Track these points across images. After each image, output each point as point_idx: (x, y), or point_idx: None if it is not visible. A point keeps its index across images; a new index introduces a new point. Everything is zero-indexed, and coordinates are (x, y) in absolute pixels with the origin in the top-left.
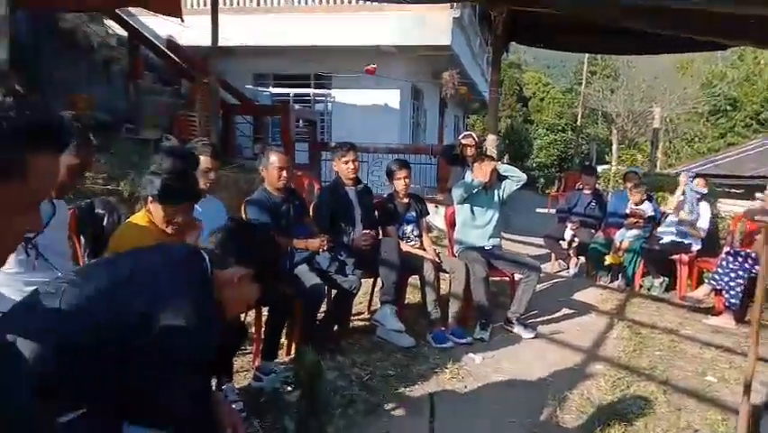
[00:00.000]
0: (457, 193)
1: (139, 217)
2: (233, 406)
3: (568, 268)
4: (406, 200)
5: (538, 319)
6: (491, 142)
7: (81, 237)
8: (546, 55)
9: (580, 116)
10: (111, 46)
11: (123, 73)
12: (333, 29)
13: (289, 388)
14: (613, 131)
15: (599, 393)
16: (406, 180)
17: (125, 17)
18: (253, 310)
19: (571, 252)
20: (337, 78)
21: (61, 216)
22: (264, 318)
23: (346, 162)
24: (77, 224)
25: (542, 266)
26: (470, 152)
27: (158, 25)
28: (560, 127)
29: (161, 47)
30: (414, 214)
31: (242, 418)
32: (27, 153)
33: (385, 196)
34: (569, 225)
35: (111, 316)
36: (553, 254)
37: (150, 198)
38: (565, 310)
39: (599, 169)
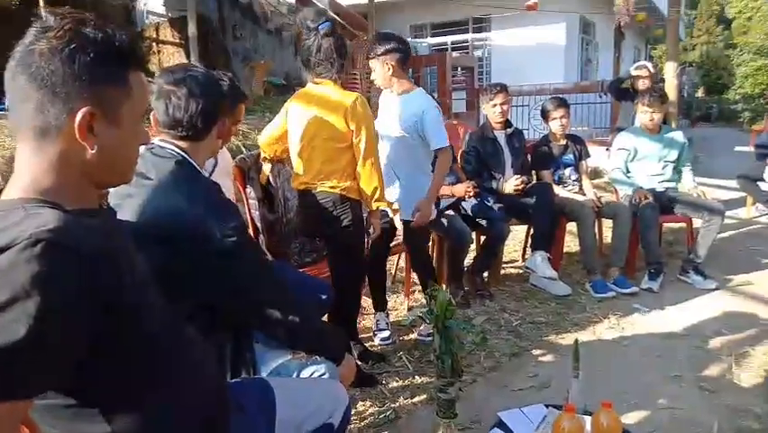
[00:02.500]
0: (613, 165)
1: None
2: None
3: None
4: (563, 142)
5: (724, 270)
6: (671, 71)
7: (248, 186)
8: None
9: None
10: (281, 14)
11: (293, 38)
12: None
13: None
14: None
15: None
16: (564, 120)
17: None
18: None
19: None
20: (496, 19)
21: (223, 164)
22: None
23: (494, 105)
24: (243, 173)
25: (735, 211)
26: (642, 85)
27: None
28: None
29: (326, 9)
30: (572, 157)
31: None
32: (127, 69)
33: (539, 139)
34: None
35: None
36: (748, 198)
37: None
38: (759, 260)
39: None
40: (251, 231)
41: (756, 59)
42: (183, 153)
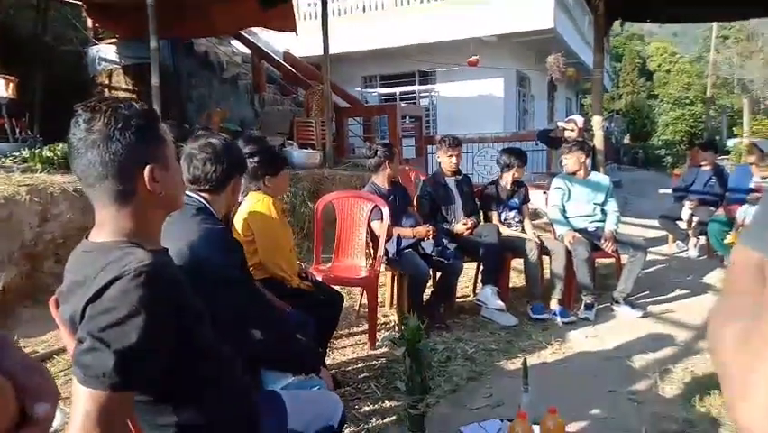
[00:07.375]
0: (551, 202)
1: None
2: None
3: (687, 249)
4: (510, 187)
5: (649, 300)
6: (597, 123)
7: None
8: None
9: (709, 87)
10: (237, 63)
11: (249, 87)
12: (435, 26)
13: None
14: (743, 100)
15: (706, 367)
16: (520, 170)
17: (248, 36)
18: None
19: (690, 232)
20: (441, 72)
21: None
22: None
23: (450, 156)
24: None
25: (659, 248)
26: (568, 135)
27: (276, 40)
28: (687, 100)
29: (280, 60)
30: (517, 201)
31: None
32: (157, 125)
33: (487, 183)
34: (686, 203)
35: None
36: (669, 235)
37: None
38: (680, 291)
39: (730, 143)
40: None
41: (675, 109)
42: (204, 202)
